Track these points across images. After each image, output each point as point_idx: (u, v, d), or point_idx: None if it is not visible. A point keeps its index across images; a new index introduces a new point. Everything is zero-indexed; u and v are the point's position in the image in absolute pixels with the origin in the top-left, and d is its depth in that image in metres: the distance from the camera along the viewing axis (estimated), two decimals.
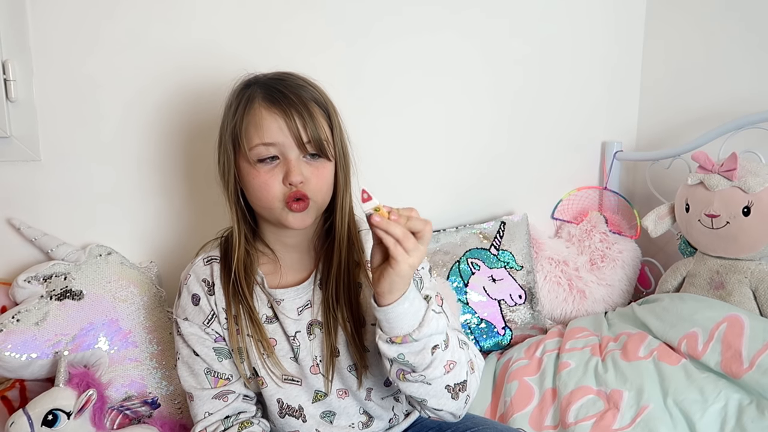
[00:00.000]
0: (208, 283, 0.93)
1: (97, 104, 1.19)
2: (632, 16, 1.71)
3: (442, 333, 0.79)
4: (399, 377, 0.81)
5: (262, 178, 0.85)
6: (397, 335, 0.77)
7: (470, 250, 1.47)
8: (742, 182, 1.26)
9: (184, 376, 0.93)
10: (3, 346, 1.01)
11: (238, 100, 0.89)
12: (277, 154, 0.85)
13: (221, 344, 0.92)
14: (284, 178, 0.85)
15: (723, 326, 1.15)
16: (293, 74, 0.91)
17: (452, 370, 0.81)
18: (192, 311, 0.93)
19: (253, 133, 0.85)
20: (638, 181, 1.75)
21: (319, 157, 0.86)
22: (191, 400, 0.92)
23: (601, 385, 1.15)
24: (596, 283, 1.55)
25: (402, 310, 0.77)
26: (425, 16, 1.45)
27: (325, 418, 0.94)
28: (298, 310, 0.93)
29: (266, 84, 0.88)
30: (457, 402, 0.84)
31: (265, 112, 0.84)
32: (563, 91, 1.65)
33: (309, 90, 0.88)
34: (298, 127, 0.83)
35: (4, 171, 1.16)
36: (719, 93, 1.53)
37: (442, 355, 0.80)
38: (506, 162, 1.62)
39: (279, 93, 0.85)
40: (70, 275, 1.11)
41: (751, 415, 0.99)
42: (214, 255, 0.95)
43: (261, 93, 0.86)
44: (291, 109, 0.84)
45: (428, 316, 0.78)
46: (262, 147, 0.84)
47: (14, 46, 1.12)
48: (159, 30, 1.21)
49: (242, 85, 0.91)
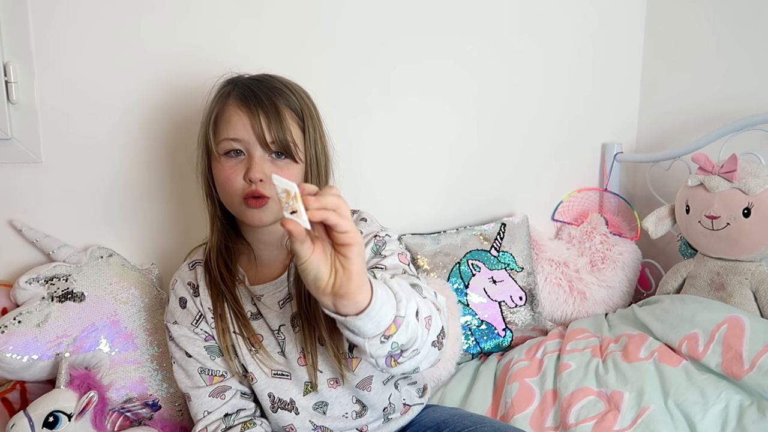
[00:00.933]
0: (193, 285, 0.97)
1: (98, 106, 1.19)
2: (632, 18, 1.72)
3: (407, 289, 0.71)
4: (390, 365, 0.72)
5: (226, 172, 0.88)
6: (388, 325, 0.67)
7: (471, 252, 1.47)
8: (742, 184, 1.27)
9: (180, 378, 0.96)
10: (4, 347, 1.01)
11: (216, 95, 0.94)
12: (243, 151, 0.88)
13: (212, 343, 0.95)
14: (245, 174, 0.87)
15: (723, 327, 1.15)
16: (275, 77, 0.94)
17: (431, 325, 0.74)
18: (180, 314, 0.96)
19: (221, 127, 0.89)
20: (638, 183, 1.75)
21: (285, 157, 0.88)
22: (189, 401, 0.94)
23: (601, 387, 1.15)
24: (597, 284, 1.55)
25: (380, 298, 0.66)
26: (424, 17, 1.45)
27: (318, 409, 0.95)
28: (280, 304, 0.94)
29: (243, 83, 0.92)
30: (443, 349, 0.77)
31: (235, 109, 0.88)
32: (563, 92, 1.66)
33: (284, 93, 0.90)
34: (262, 127, 0.86)
35: (6, 173, 1.16)
36: (719, 94, 1.53)
37: (421, 313, 0.72)
38: (507, 163, 1.62)
39: (251, 92, 0.89)
40: (71, 277, 1.11)
41: (752, 417, 0.99)
42: (198, 259, 1.00)
43: (236, 91, 0.90)
44: (258, 108, 0.87)
45: (391, 283, 0.68)
46: (227, 141, 0.88)
47: (15, 49, 1.12)
48: (160, 33, 1.21)
49: (223, 83, 0.95)
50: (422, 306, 0.73)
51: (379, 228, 0.96)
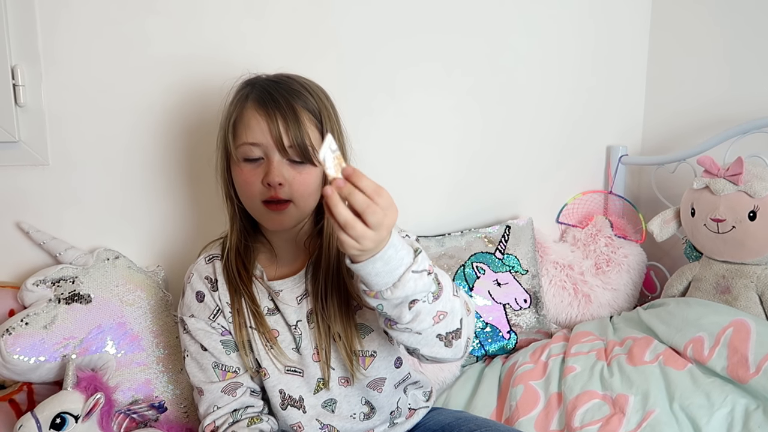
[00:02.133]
0: (210, 280, 0.97)
1: (104, 109, 1.20)
2: (637, 20, 1.71)
3: (423, 292, 0.75)
4: (387, 326, 0.80)
5: (245, 176, 0.89)
6: (371, 290, 0.74)
7: (475, 254, 1.47)
8: (748, 187, 1.26)
9: (193, 371, 0.95)
10: (12, 349, 1.02)
11: (235, 97, 0.93)
12: (262, 155, 0.88)
13: (228, 337, 0.95)
14: (263, 178, 0.87)
15: (729, 331, 1.15)
16: (293, 77, 0.93)
17: (442, 320, 0.78)
18: (197, 308, 0.96)
19: (240, 131, 0.89)
20: (643, 186, 1.75)
21: (304, 161, 0.88)
22: (201, 395, 0.94)
23: (606, 390, 1.15)
24: (601, 287, 1.54)
25: (372, 269, 0.72)
26: (429, 18, 1.45)
27: (326, 407, 0.95)
28: (297, 299, 0.95)
29: (262, 85, 0.91)
30: (452, 349, 0.82)
31: (253, 112, 0.88)
32: (568, 94, 1.65)
33: (303, 95, 0.90)
34: (280, 131, 0.86)
35: (13, 175, 1.17)
36: (725, 97, 1.53)
37: (428, 308, 0.76)
38: (511, 166, 1.62)
39: (269, 96, 0.88)
40: (78, 279, 1.12)
41: (758, 421, 0.99)
42: (215, 253, 0.99)
43: (254, 94, 0.89)
44: (276, 112, 0.86)
45: (406, 277, 0.73)
46: (247, 146, 0.88)
47: (23, 52, 1.13)
48: (167, 34, 1.22)
49: (242, 84, 0.94)
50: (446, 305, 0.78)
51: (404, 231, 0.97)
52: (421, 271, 0.74)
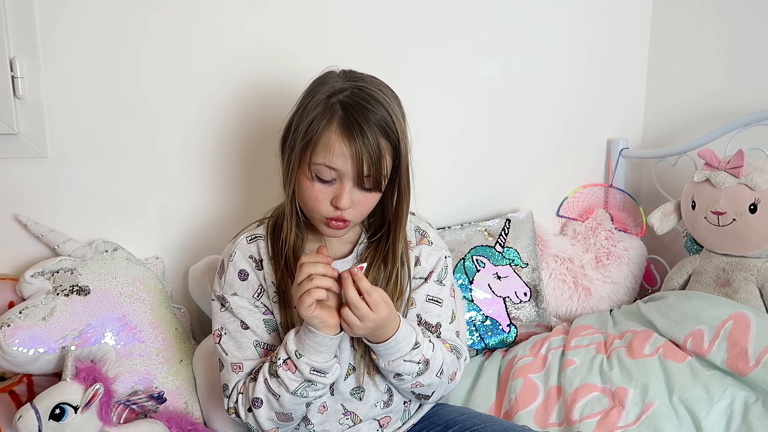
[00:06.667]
0: (255, 259, 0.97)
1: (103, 101, 1.20)
2: (638, 13, 1.71)
3: (410, 373, 0.90)
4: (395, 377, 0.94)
5: (315, 192, 0.90)
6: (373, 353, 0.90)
7: (475, 248, 1.47)
8: (748, 179, 1.26)
9: (231, 349, 0.95)
10: (11, 341, 1.02)
11: (319, 108, 0.88)
12: (336, 178, 0.89)
13: (269, 317, 0.96)
14: (333, 199, 0.89)
15: (729, 324, 1.15)
16: (379, 98, 0.89)
17: (418, 388, 0.94)
18: (240, 286, 0.96)
19: (322, 151, 0.88)
20: (644, 179, 1.74)
21: (373, 190, 0.91)
22: (238, 371, 0.93)
23: (606, 383, 1.15)
24: (601, 280, 1.54)
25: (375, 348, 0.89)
26: (431, 11, 1.44)
27: (355, 395, 0.97)
28: None
29: (348, 106, 0.87)
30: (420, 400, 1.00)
31: (339, 138, 0.87)
32: (568, 88, 1.65)
33: (388, 126, 0.89)
34: (362, 166, 0.87)
35: (12, 167, 1.17)
36: (726, 90, 1.52)
37: (410, 379, 0.92)
38: (512, 159, 1.62)
39: (358, 127, 0.86)
40: (76, 271, 1.12)
41: (757, 413, 0.99)
42: (258, 233, 0.99)
43: (341, 116, 0.87)
44: (362, 147, 0.86)
45: (398, 361, 0.89)
46: (324, 168, 0.88)
47: (21, 44, 1.13)
48: (166, 28, 1.22)
49: (326, 93, 0.89)
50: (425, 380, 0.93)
51: (444, 248, 1.05)
52: (411, 360, 0.90)
